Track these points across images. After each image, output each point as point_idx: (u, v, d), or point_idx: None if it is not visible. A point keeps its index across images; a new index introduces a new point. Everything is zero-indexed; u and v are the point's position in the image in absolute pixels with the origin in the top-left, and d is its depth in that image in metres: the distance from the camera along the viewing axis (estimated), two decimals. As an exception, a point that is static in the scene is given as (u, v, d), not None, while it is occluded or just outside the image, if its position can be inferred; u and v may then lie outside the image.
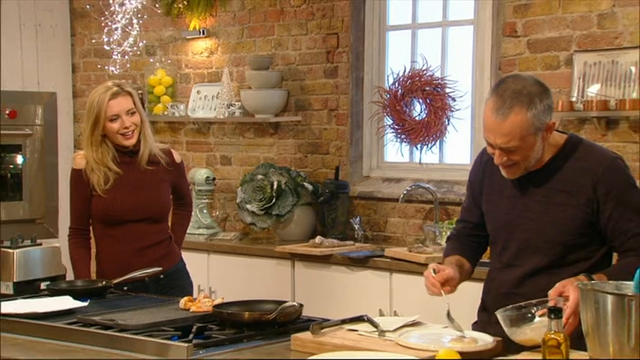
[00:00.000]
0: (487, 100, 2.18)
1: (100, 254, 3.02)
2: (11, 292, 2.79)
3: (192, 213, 4.48)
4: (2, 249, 2.87)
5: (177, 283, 3.03)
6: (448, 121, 4.18)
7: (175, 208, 3.15)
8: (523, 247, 2.27)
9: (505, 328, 2.09)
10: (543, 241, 2.23)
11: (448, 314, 2.16)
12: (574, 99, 3.72)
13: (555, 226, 2.21)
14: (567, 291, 2.07)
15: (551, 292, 2.09)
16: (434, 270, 2.26)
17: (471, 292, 2.51)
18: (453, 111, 4.18)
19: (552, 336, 1.82)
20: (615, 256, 2.33)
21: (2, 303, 2.56)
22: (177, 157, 3.10)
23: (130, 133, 2.91)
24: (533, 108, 2.11)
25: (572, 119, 3.78)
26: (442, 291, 2.22)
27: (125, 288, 2.85)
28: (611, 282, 1.98)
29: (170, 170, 3.04)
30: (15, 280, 2.81)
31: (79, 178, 2.96)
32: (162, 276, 2.96)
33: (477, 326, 2.38)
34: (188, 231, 4.31)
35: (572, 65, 3.77)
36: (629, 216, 2.18)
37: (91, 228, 3.03)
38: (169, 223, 3.15)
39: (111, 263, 2.97)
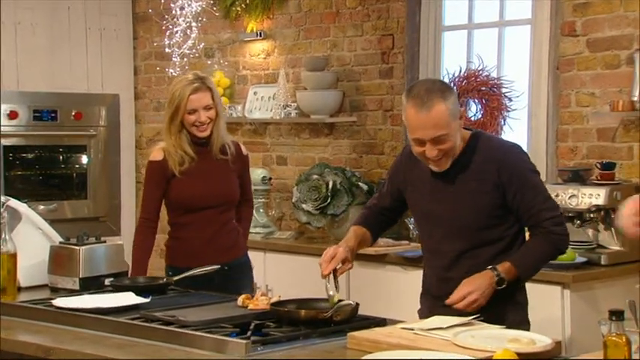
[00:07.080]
0: (405, 106, 2.38)
1: (171, 241, 3.14)
2: (77, 287, 2.84)
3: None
4: (68, 246, 2.93)
5: (240, 276, 3.12)
6: (504, 121, 4.12)
7: (238, 205, 3.21)
8: (444, 234, 2.47)
9: None
10: (462, 226, 2.44)
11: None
12: (635, 98, 3.62)
13: (470, 211, 2.42)
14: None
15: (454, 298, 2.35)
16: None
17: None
18: (509, 111, 4.12)
19: (613, 338, 1.78)
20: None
21: (69, 298, 2.62)
22: (244, 150, 3.22)
23: (204, 126, 3.04)
24: (447, 98, 2.37)
25: (633, 119, 3.67)
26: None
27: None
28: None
29: (236, 162, 3.14)
30: (80, 276, 2.86)
31: (155, 169, 3.08)
32: (226, 267, 3.01)
33: (421, 313, 2.50)
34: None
35: (633, 64, 3.66)
36: (532, 194, 2.41)
37: (158, 220, 3.12)
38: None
39: (180, 250, 3.09)
